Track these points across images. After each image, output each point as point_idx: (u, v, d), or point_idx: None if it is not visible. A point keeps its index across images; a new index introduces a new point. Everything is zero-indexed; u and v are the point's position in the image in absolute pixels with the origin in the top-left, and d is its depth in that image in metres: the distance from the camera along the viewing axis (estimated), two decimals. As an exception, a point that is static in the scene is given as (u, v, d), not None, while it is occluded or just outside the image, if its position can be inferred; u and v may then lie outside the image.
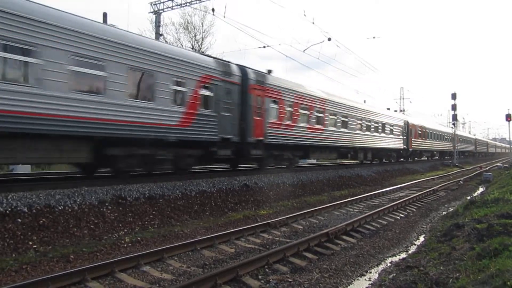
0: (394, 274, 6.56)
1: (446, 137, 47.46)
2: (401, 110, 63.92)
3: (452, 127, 49.87)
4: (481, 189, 20.73)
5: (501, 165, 38.21)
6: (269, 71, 17.51)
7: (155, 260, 7.20)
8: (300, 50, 26.50)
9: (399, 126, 32.88)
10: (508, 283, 4.33)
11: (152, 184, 11.77)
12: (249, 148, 15.76)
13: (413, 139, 35.79)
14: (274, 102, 16.92)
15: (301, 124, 18.78)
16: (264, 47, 25.86)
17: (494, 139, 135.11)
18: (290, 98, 18.00)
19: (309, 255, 7.78)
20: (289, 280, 6.34)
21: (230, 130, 14.51)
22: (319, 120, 20.40)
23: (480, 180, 25.02)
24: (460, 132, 51.36)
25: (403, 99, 69.82)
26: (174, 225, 10.24)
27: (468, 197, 16.38)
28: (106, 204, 9.79)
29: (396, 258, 7.93)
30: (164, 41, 14.89)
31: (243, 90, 15.23)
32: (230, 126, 14.51)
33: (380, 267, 7.36)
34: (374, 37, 55.58)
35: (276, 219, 10.57)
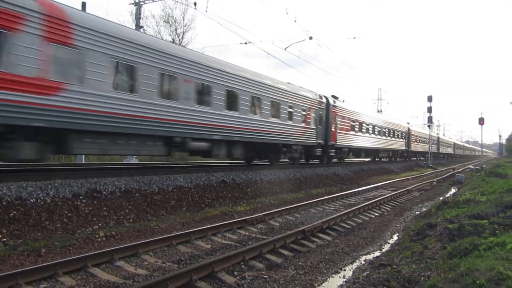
0: (368, 272, 6.67)
1: (398, 133, 41.69)
2: (378, 111, 64.98)
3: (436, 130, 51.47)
4: (453, 190, 21.28)
5: (472, 167, 39.26)
6: (335, 97, 26.58)
7: (129, 255, 7.11)
8: (282, 48, 26.64)
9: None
10: (477, 281, 4.46)
11: (128, 178, 11.61)
12: (328, 149, 24.51)
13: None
14: (341, 118, 26.13)
15: (352, 133, 28.30)
16: (246, 43, 25.86)
17: (467, 142, 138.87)
18: (348, 115, 27.56)
19: (285, 252, 7.83)
20: (264, 276, 6.36)
21: (321, 137, 23.31)
22: (361, 128, 30.41)
23: (452, 182, 25.66)
24: (415, 128, 51.74)
25: (380, 100, 70.99)
26: (150, 220, 10.13)
27: (441, 198, 16.80)
28: (80, 197, 9.60)
29: (370, 256, 8.05)
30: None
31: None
32: (321, 135, 23.28)
33: (354, 265, 7.47)
34: (354, 38, 56.10)
35: (253, 216, 10.59)
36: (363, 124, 30.69)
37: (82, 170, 13.00)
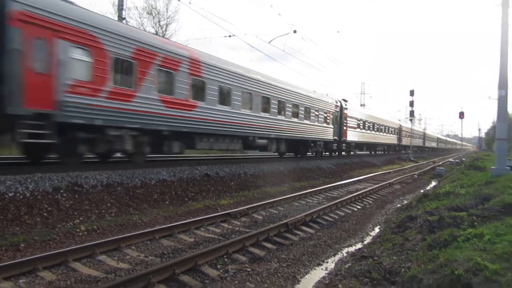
0: (350, 264, 6.75)
1: (391, 129, 46.78)
2: (361, 105, 65.57)
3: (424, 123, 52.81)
4: (433, 183, 21.66)
5: (452, 160, 40.00)
6: (345, 100, 31.94)
7: (111, 249, 7.05)
8: (266, 41, 26.57)
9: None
10: (456, 272, 4.55)
11: (110, 172, 11.47)
12: (341, 143, 30.05)
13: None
14: (350, 118, 31.60)
15: (358, 130, 34.02)
16: (230, 36, 25.67)
17: (448, 136, 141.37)
18: (355, 115, 33.26)
19: (268, 245, 7.87)
20: (247, 269, 6.38)
21: (336, 134, 28.65)
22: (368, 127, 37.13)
23: (433, 175, 26.12)
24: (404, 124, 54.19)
25: (363, 94, 71.59)
26: (133, 213, 10.05)
27: (422, 191, 17.09)
28: (61, 191, 9.45)
29: (352, 249, 8.16)
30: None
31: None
32: (337, 132, 28.76)
33: (337, 257, 7.55)
34: (338, 32, 56.44)
35: (236, 209, 10.61)
36: (366, 122, 36.35)
37: (62, 164, 12.79)
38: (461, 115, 56.44)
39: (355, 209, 12.60)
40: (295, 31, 24.24)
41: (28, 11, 9.29)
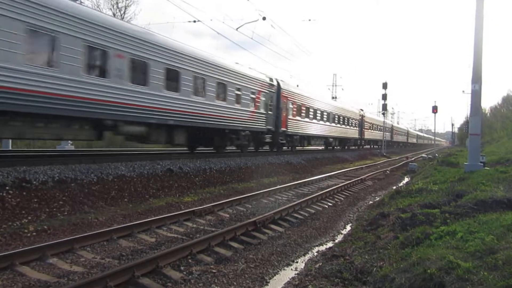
0: (321, 264, 6.85)
1: (351, 120, 42.23)
2: (333, 97, 66.51)
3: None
4: (406, 179, 22.29)
5: (425, 156, 41.29)
6: (286, 82, 27.15)
7: (64, 251, 6.85)
8: (233, 28, 26.38)
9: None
10: (428, 271, 4.70)
11: (62, 167, 11.14)
12: (278, 136, 24.65)
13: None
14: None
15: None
16: (194, 21, 25.35)
17: (421, 130, 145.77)
18: (301, 101, 28.13)
19: (235, 244, 7.87)
20: (213, 271, 6.36)
21: (271, 123, 23.67)
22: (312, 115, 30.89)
23: (405, 171, 26.88)
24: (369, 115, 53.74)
25: (335, 85, 72.58)
26: (88, 212, 9.81)
27: (394, 187, 17.56)
28: (7, 188, 9.09)
29: (322, 248, 8.28)
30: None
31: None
32: (271, 121, 23.64)
33: (307, 257, 7.65)
34: (309, 20, 56.79)
35: (201, 207, 10.55)
36: (317, 111, 31.44)
37: (8, 157, 12.32)
38: (434, 109, 58.10)
39: (326, 206, 12.79)
40: (264, 18, 24.20)
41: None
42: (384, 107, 49.73)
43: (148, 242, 7.80)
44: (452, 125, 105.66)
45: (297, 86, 30.81)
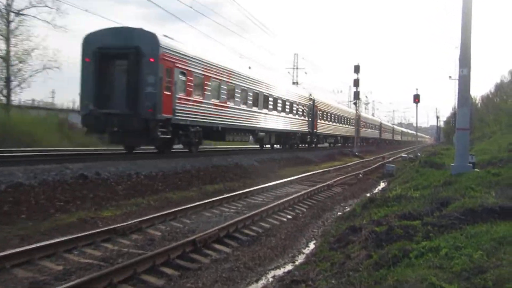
0: (277, 292, 6.90)
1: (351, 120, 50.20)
2: (294, 83, 67.29)
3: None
4: (382, 184, 22.97)
5: (405, 155, 42.69)
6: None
7: None
8: (167, -7, 26.00)
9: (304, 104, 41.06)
10: (407, 296, 4.84)
11: None
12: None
13: (318, 121, 44.65)
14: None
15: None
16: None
17: (400, 124, 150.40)
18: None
19: (169, 270, 7.80)
20: (139, 305, 6.26)
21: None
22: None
23: (382, 174, 27.66)
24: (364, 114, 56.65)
25: (297, 68, 73.38)
26: (-29, 233, 9.38)
27: (368, 194, 18.03)
28: None
29: (280, 271, 8.35)
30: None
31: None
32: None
33: (260, 283, 7.69)
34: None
35: (125, 223, 10.38)
36: (228, 87, 26.57)
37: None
38: (416, 98, 59.82)
39: (285, 219, 12.92)
40: (207, -18, 24.10)
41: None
42: (356, 95, 50.94)
43: (53, 271, 7.56)
44: (437, 118, 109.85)
45: (249, 68, 31.35)
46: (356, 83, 48.73)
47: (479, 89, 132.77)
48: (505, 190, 10.36)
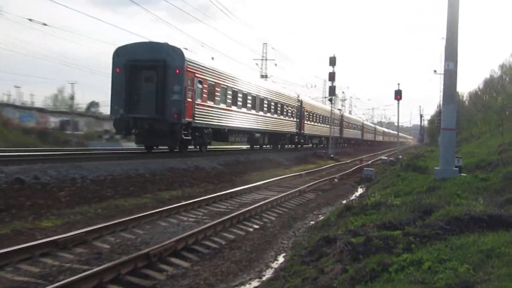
0: (241, 311, 6.90)
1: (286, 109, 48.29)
2: (262, 75, 67.46)
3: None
4: (360, 190, 23.21)
5: (385, 158, 43.24)
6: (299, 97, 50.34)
7: None
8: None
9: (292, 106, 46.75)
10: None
11: None
12: (301, 136, 49.56)
13: (305, 122, 50.24)
14: (307, 112, 51.17)
15: (313, 123, 54.48)
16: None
17: (380, 123, 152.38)
18: (310, 109, 53.43)
19: (118, 289, 7.72)
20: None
21: (299, 127, 48.46)
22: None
23: (359, 178, 27.95)
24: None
25: (266, 60, 73.56)
26: None
27: (344, 201, 18.18)
28: None
29: (245, 288, 8.35)
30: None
31: (300, 107, 49.10)
32: (299, 126, 48.48)
33: (222, 302, 7.67)
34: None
35: (68, 235, 10.22)
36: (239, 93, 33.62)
37: None
38: (398, 95, 60.05)
39: (251, 229, 12.93)
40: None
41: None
42: (332, 91, 51.09)
43: (-18, 291, 7.41)
44: (421, 116, 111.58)
45: (212, 58, 31.98)
46: (332, 77, 48.80)
47: (467, 85, 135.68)
48: (494, 197, 10.58)
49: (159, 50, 24.75)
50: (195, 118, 25.85)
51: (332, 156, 47.50)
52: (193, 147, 28.72)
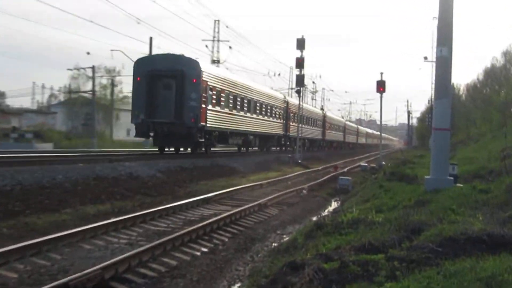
0: None
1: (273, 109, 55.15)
2: (214, 61, 67.30)
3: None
4: (334, 204, 23.36)
5: (365, 165, 43.68)
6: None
7: None
8: None
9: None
10: None
11: None
12: (287, 138, 60.71)
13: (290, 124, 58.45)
14: (292, 113, 60.45)
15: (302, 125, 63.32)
16: None
17: (359, 121, 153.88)
18: (295, 110, 58.39)
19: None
20: None
21: (285, 129, 59.99)
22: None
23: (333, 189, 28.12)
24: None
25: (218, 41, 73.34)
26: None
27: (314, 218, 18.23)
28: None
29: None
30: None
31: (287, 109, 60.56)
32: (285, 127, 59.76)
33: None
34: None
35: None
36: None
37: None
38: (381, 86, 59.61)
39: (198, 253, 12.88)
40: None
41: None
42: (300, 81, 50.90)
43: None
44: (409, 113, 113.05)
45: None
46: (300, 64, 48.35)
47: (464, 75, 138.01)
48: (495, 213, 10.70)
49: (177, 61, 34.15)
50: (207, 122, 34.88)
51: (299, 161, 47.44)
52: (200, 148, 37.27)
